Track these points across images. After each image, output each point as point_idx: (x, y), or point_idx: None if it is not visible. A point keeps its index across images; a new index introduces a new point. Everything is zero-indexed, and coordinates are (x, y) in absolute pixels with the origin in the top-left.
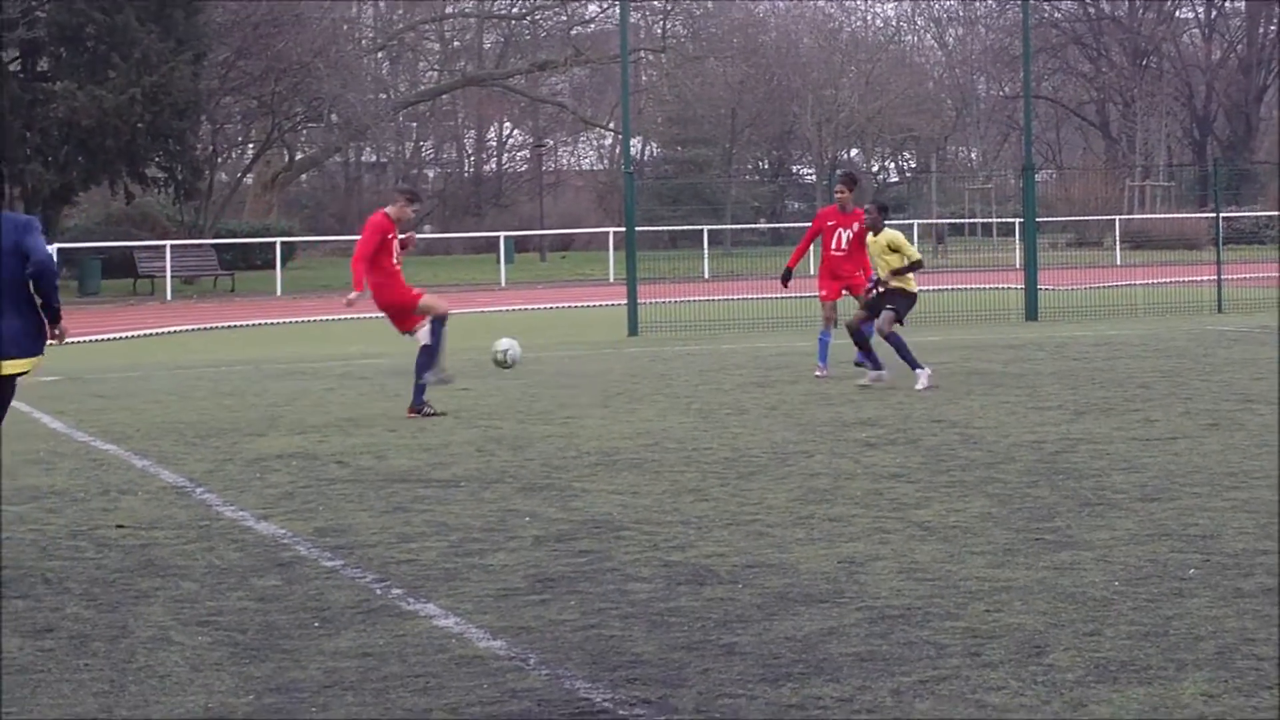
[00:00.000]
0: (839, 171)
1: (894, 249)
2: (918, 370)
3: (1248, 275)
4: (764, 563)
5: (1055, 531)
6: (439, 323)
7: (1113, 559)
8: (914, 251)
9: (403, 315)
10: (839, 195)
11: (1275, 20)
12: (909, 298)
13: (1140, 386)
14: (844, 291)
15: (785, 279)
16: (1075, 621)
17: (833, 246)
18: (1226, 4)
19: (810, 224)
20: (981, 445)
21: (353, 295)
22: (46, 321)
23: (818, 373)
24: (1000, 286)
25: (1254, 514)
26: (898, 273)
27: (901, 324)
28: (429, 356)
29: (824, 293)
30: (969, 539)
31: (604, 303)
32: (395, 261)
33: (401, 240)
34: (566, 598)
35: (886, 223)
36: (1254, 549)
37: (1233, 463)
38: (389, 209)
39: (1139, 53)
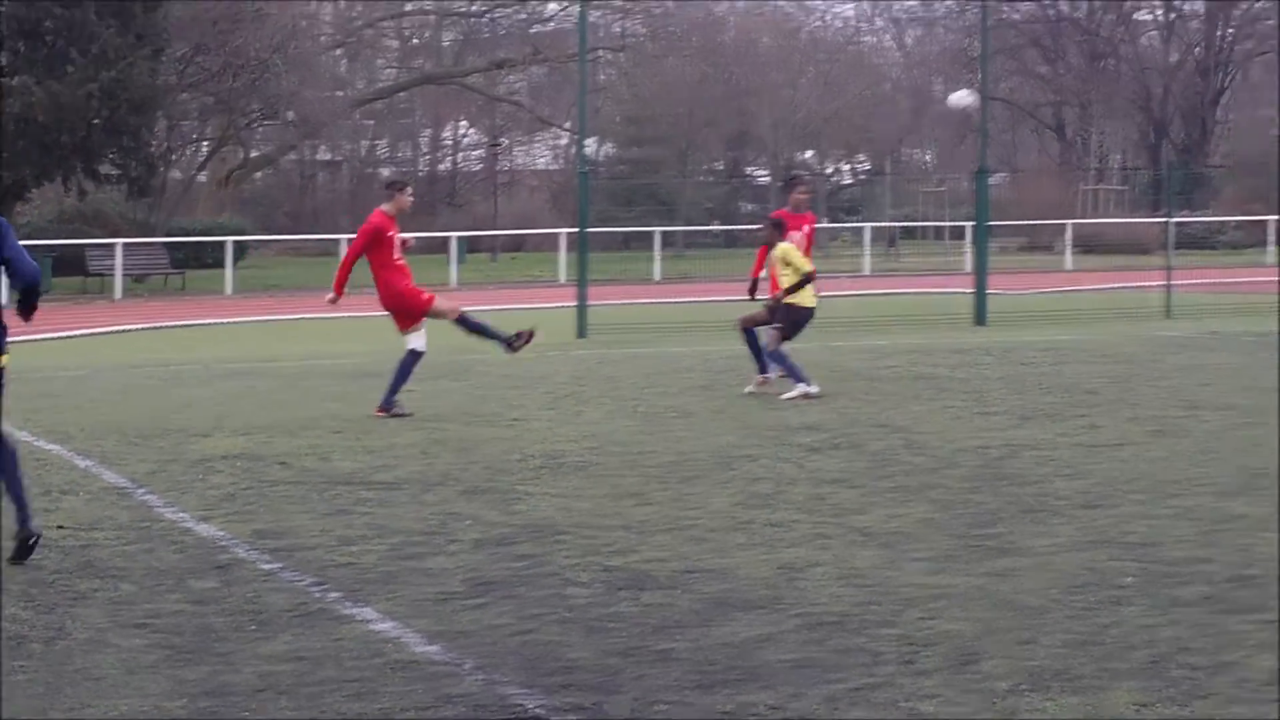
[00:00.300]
0: (791, 174)
1: (786, 263)
2: (799, 384)
3: (1199, 280)
4: (703, 568)
5: (995, 538)
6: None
7: (1051, 566)
8: (804, 264)
9: (405, 316)
10: (800, 196)
11: (1234, 23)
12: (800, 313)
13: (1087, 392)
14: None
15: (753, 290)
16: (1010, 629)
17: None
18: (1185, 6)
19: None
20: (925, 451)
21: (329, 296)
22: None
23: (770, 376)
24: (950, 291)
25: (1195, 521)
26: (787, 291)
27: (789, 339)
28: (414, 361)
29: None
30: (909, 545)
31: (554, 304)
32: (397, 258)
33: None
34: (504, 602)
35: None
36: (1192, 557)
37: (1176, 470)
38: (385, 206)
39: (1097, 55)
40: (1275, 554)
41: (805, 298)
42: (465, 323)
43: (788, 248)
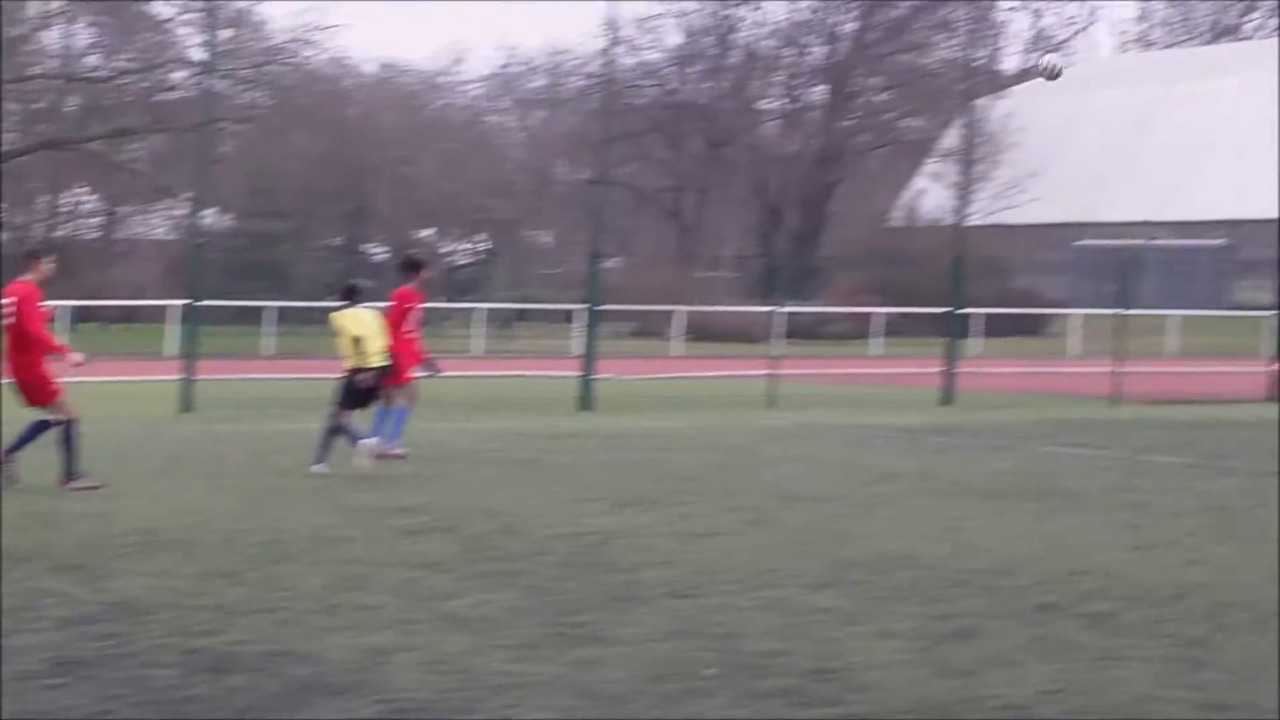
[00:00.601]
0: (408, 253)
1: (342, 331)
2: (316, 465)
3: (806, 370)
4: (290, 651)
5: (583, 626)
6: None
7: (637, 656)
8: (357, 329)
9: (34, 392)
10: (424, 276)
11: (853, 115)
12: (359, 381)
13: (686, 480)
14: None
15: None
16: (592, 719)
17: (409, 326)
18: (805, 97)
19: (394, 303)
20: (521, 536)
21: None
22: None
23: (397, 451)
24: (560, 374)
25: (781, 613)
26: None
27: (350, 409)
28: (39, 432)
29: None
30: (497, 631)
31: (160, 377)
32: (35, 332)
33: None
34: (84, 683)
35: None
36: (774, 649)
37: (767, 561)
38: (29, 276)
39: (717, 142)
40: (858, 648)
41: (365, 363)
42: (65, 433)
43: (342, 315)
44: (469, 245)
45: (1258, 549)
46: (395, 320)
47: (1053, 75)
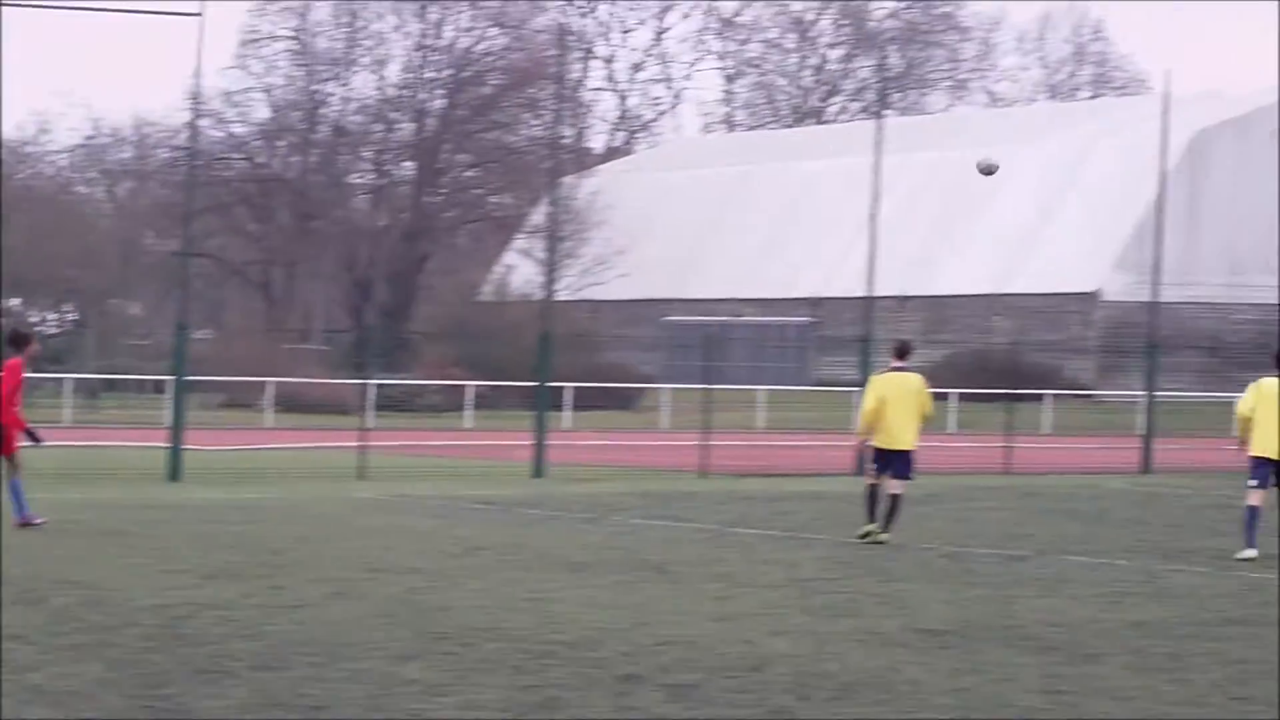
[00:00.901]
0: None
1: None
2: None
3: (397, 443)
4: None
5: (168, 699)
6: None
7: None
8: None
9: None
10: (31, 350)
11: (442, 190)
12: None
13: (273, 552)
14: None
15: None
16: None
17: (15, 399)
18: (394, 172)
19: (3, 375)
20: (105, 608)
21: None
22: None
23: (39, 520)
24: (149, 445)
25: (367, 684)
26: None
27: None
28: None
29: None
30: (81, 705)
31: None
32: None
33: None
34: None
35: None
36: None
37: (353, 633)
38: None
39: (306, 215)
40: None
41: None
42: None
43: None
44: (56, 315)
45: (839, 620)
46: (6, 393)
47: (989, 171)
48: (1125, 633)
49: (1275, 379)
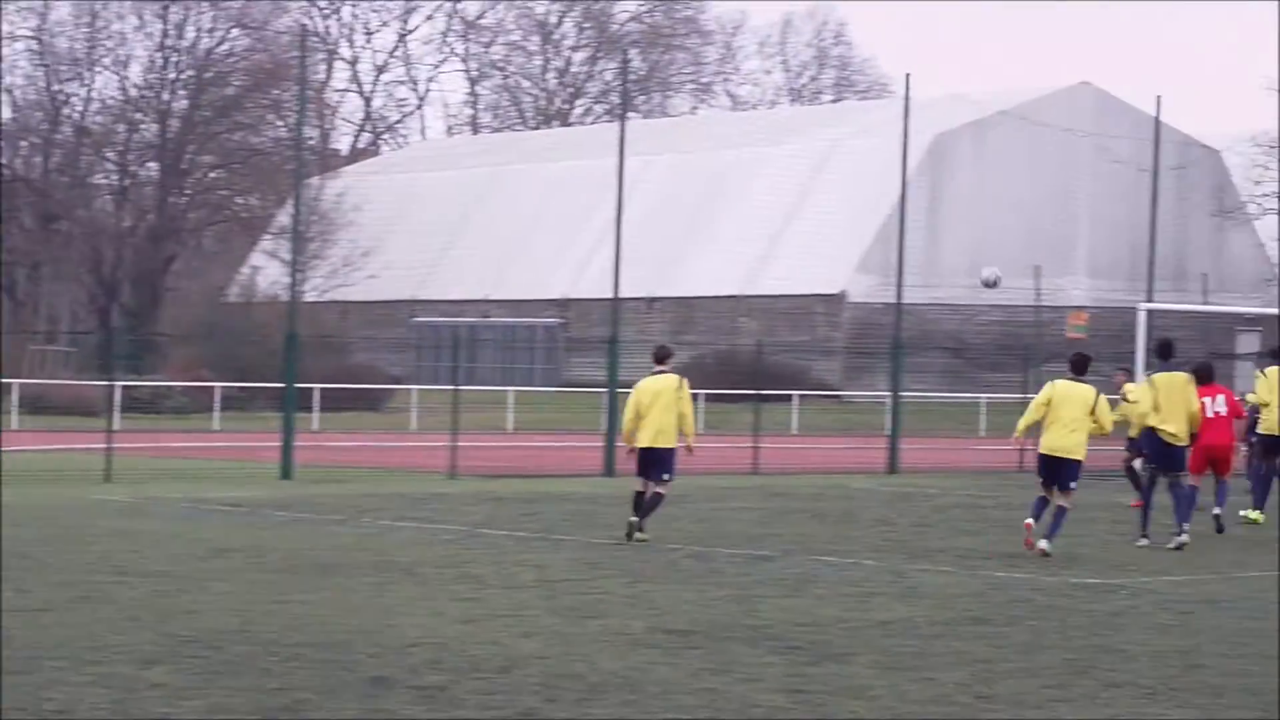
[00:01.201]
0: None
1: None
2: None
3: (145, 445)
4: None
5: None
6: None
7: None
8: None
9: None
10: None
11: (187, 191)
12: None
13: (18, 556)
14: None
15: None
16: None
17: None
18: (139, 173)
19: None
20: None
21: None
22: None
23: None
24: None
25: (112, 689)
26: None
27: None
28: None
29: None
30: None
31: None
32: None
33: None
34: None
35: None
36: None
37: (98, 637)
38: None
39: (50, 216)
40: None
41: None
42: None
43: None
44: None
45: (588, 621)
46: None
47: (992, 284)
48: (871, 632)
49: (1068, 380)
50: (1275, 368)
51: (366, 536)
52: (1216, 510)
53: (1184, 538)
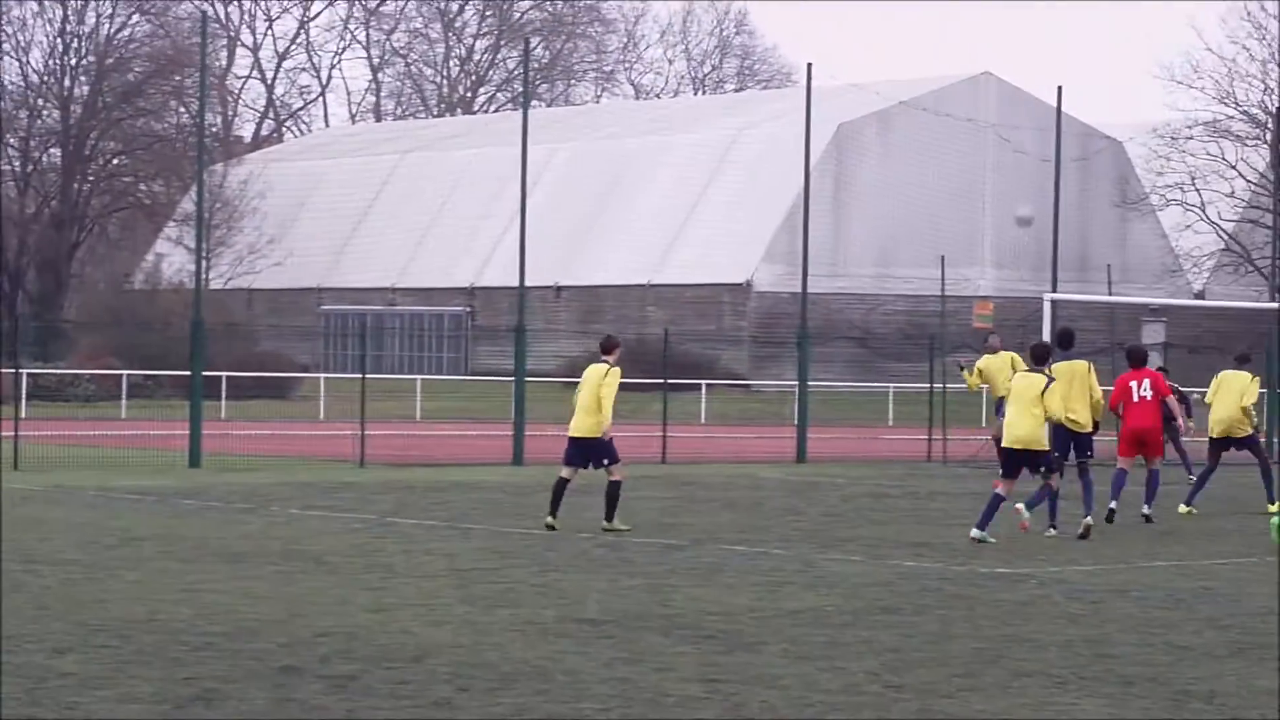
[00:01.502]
0: None
1: None
2: None
3: (51, 433)
4: None
5: None
6: None
7: None
8: None
9: None
10: None
11: (90, 177)
12: None
13: None
14: None
15: None
16: None
17: None
18: (41, 159)
19: None
20: None
21: None
22: None
23: None
24: None
25: (22, 679)
26: None
27: None
28: None
29: None
30: None
31: None
32: None
33: None
34: None
35: None
36: (14, 716)
37: (7, 626)
38: None
39: None
40: (101, 711)
41: None
42: None
43: None
44: None
45: (498, 610)
46: None
47: (1027, 223)
48: (782, 621)
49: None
50: (1231, 372)
51: (275, 525)
52: (1146, 510)
53: (1089, 520)
